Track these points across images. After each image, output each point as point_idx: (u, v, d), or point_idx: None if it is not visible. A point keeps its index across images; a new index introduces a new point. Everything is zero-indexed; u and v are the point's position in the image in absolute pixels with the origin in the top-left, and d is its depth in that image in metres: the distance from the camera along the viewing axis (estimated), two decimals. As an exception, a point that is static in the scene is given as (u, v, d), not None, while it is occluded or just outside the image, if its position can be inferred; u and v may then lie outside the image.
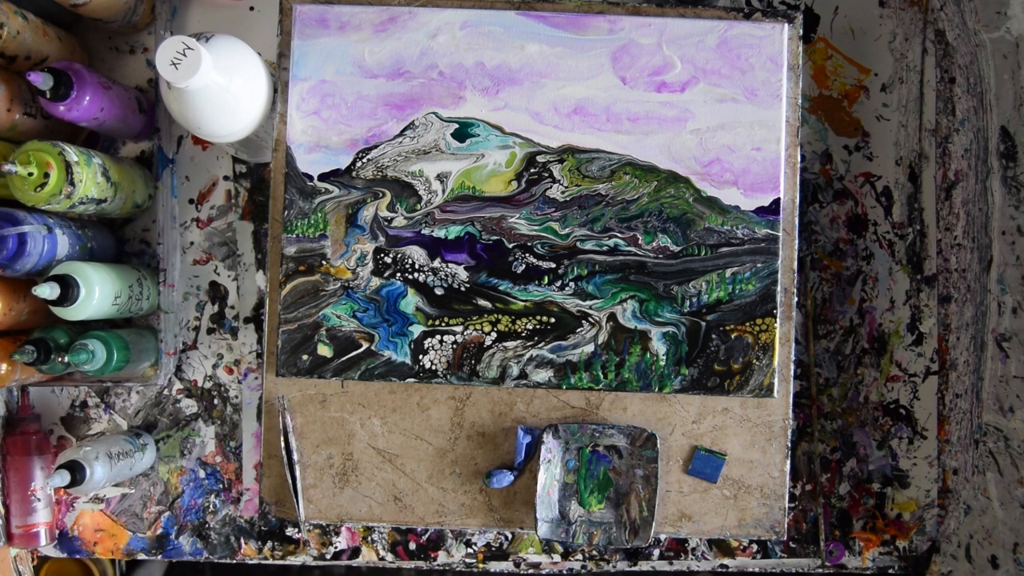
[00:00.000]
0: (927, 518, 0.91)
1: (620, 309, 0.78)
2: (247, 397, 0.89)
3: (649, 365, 0.78)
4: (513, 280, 0.78)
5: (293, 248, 0.78)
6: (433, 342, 0.78)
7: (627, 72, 0.79)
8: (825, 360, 0.91)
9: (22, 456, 0.85)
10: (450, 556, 0.88)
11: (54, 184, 0.72)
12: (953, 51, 0.88)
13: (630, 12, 0.79)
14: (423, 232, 0.78)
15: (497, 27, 0.79)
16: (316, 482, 0.80)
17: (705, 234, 0.78)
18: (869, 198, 0.91)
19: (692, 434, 0.79)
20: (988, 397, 0.83)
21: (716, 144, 0.78)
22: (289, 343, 0.78)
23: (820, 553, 0.90)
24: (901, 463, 0.91)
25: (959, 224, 0.88)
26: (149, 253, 0.89)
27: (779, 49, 0.79)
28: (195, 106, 0.69)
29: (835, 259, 0.91)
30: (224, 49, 0.70)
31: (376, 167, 0.78)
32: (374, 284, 0.78)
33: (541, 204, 0.78)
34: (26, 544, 0.86)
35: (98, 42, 0.89)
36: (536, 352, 0.78)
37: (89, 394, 0.89)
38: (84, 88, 0.75)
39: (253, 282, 0.90)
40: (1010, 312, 0.80)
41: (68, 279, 0.74)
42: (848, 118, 0.91)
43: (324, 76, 0.78)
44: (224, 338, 0.90)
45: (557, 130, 0.78)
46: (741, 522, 0.80)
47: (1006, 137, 0.81)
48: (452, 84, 0.79)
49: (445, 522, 0.81)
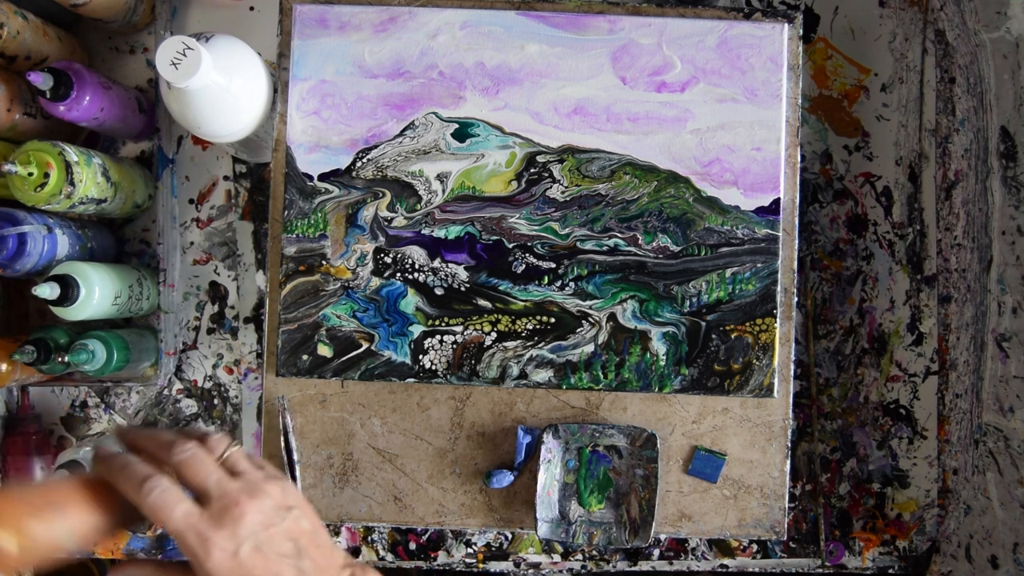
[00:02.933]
0: (927, 518, 0.91)
1: (620, 309, 0.78)
2: (247, 397, 0.89)
3: (649, 365, 0.78)
4: (513, 280, 0.78)
5: (293, 248, 0.78)
6: (433, 342, 0.78)
7: (627, 72, 0.79)
8: (825, 360, 0.91)
9: (22, 456, 0.85)
10: (450, 556, 0.88)
11: (54, 184, 0.72)
12: (953, 51, 0.88)
13: (630, 12, 0.79)
14: (423, 232, 0.78)
15: (497, 27, 0.79)
16: (316, 482, 0.80)
17: (705, 234, 0.78)
18: (869, 198, 0.91)
19: (692, 434, 0.79)
20: (988, 397, 0.83)
21: (716, 144, 0.78)
22: (289, 343, 0.78)
23: (820, 553, 0.90)
24: (901, 463, 0.91)
25: (959, 224, 0.88)
26: (149, 253, 0.89)
27: (779, 49, 0.79)
28: (195, 106, 0.69)
29: (835, 259, 0.91)
30: (224, 49, 0.70)
31: (376, 167, 0.78)
32: (374, 284, 0.78)
33: (541, 204, 0.78)
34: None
35: (98, 42, 0.89)
36: (536, 352, 0.78)
37: (89, 394, 0.89)
38: (84, 88, 0.75)
39: (253, 282, 0.90)
40: (1010, 312, 0.80)
41: (68, 279, 0.74)
42: (848, 118, 0.91)
43: (324, 76, 0.78)
44: (224, 338, 0.90)
45: (557, 130, 0.78)
46: (741, 522, 0.80)
47: (1006, 137, 0.81)
48: (452, 84, 0.79)
49: (445, 522, 0.81)
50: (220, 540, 0.47)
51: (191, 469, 0.49)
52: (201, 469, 0.49)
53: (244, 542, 0.47)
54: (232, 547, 0.47)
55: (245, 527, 0.48)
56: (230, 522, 0.48)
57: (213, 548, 0.47)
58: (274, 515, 0.49)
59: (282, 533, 0.49)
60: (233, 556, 0.47)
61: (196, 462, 0.49)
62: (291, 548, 0.49)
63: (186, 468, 0.49)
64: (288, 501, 0.51)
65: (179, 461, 0.49)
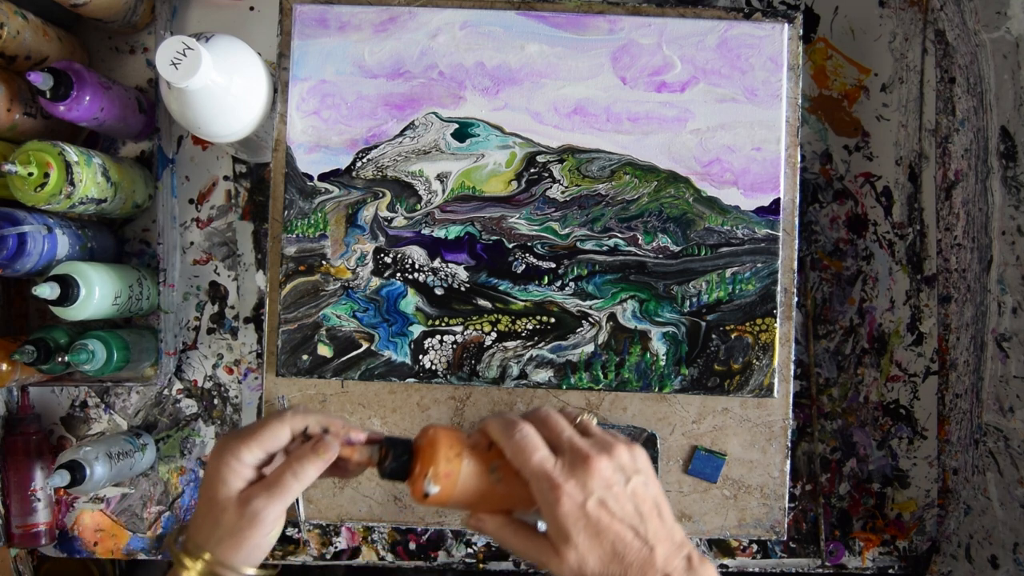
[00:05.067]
0: (927, 518, 0.91)
1: (620, 309, 0.78)
2: (247, 397, 0.89)
3: (649, 365, 0.78)
4: (513, 280, 0.78)
5: (293, 248, 0.78)
6: (433, 342, 0.78)
7: (627, 72, 0.79)
8: (825, 360, 0.91)
9: (22, 456, 0.85)
10: (450, 556, 0.88)
11: (54, 184, 0.72)
12: (953, 51, 0.88)
13: (630, 12, 0.79)
14: (423, 232, 0.78)
15: (497, 27, 0.79)
16: (316, 482, 0.80)
17: (705, 234, 0.78)
18: (869, 198, 0.91)
19: (692, 434, 0.79)
20: (988, 397, 0.83)
21: (716, 144, 0.78)
22: (289, 343, 0.78)
23: (820, 553, 0.90)
24: (901, 463, 0.91)
25: (959, 224, 0.88)
26: (149, 253, 0.89)
27: (779, 49, 0.79)
28: (195, 106, 0.69)
29: (835, 259, 0.91)
30: (224, 49, 0.70)
31: (376, 167, 0.78)
32: (374, 284, 0.78)
33: (541, 204, 0.78)
34: (26, 544, 0.86)
35: (98, 42, 0.89)
36: (536, 352, 0.78)
37: (89, 394, 0.89)
38: (84, 88, 0.75)
39: (253, 282, 0.90)
40: (1010, 312, 0.80)
41: (68, 279, 0.74)
42: (848, 118, 0.91)
43: (324, 76, 0.78)
44: (224, 338, 0.90)
45: (557, 130, 0.78)
46: (741, 522, 0.80)
47: (1006, 137, 0.81)
48: (452, 84, 0.79)
49: (445, 522, 0.81)
50: (569, 488, 0.50)
51: (548, 425, 0.54)
52: (557, 426, 0.54)
53: (591, 495, 0.51)
54: (580, 498, 0.50)
55: (593, 480, 0.51)
56: (580, 473, 0.51)
57: (562, 495, 0.50)
58: (620, 475, 0.52)
59: (627, 495, 0.52)
60: (580, 507, 0.50)
61: (553, 421, 0.54)
62: (632, 511, 0.51)
63: (544, 424, 0.54)
64: (636, 465, 0.53)
65: (539, 418, 0.54)
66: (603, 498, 0.51)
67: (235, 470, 0.53)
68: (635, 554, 0.50)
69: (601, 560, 0.50)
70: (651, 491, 0.53)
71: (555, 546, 0.51)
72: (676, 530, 0.53)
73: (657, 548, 0.51)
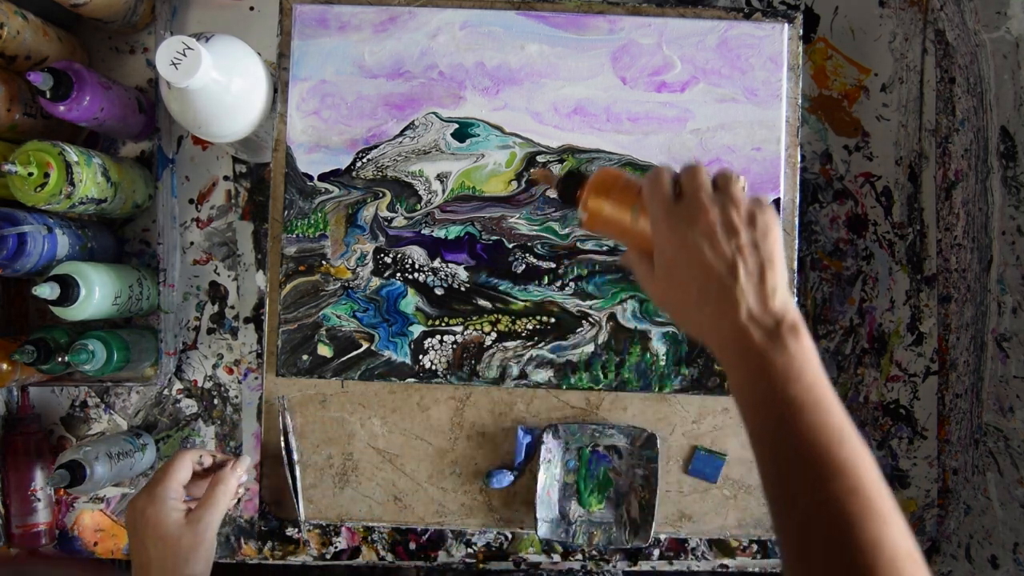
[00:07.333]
0: (927, 518, 0.91)
1: (620, 309, 0.78)
2: (247, 397, 0.89)
3: (649, 365, 0.78)
4: (513, 280, 0.78)
5: (293, 248, 0.78)
6: (433, 342, 0.78)
7: (627, 72, 0.79)
8: (825, 360, 0.91)
9: (22, 456, 0.85)
10: (450, 556, 0.88)
11: (54, 184, 0.72)
12: (953, 51, 0.88)
13: (630, 12, 0.79)
14: (423, 232, 0.78)
15: (497, 27, 0.79)
16: (316, 482, 0.80)
17: (705, 234, 0.78)
18: (869, 198, 0.91)
19: (692, 434, 0.79)
20: (988, 397, 0.83)
21: (716, 144, 0.78)
22: (289, 343, 0.78)
23: (820, 553, 0.90)
24: (901, 463, 0.91)
25: (959, 224, 0.88)
26: (149, 253, 0.89)
27: (779, 49, 0.79)
28: (195, 106, 0.69)
29: (835, 259, 0.91)
30: (224, 49, 0.70)
31: (376, 167, 0.78)
32: (374, 284, 0.78)
33: (541, 204, 0.78)
34: (26, 544, 0.86)
35: (98, 42, 0.89)
36: (536, 352, 0.78)
37: (89, 394, 0.89)
38: (84, 88, 0.75)
39: (253, 282, 0.90)
40: (1010, 312, 0.80)
41: (68, 279, 0.74)
42: (848, 118, 0.91)
43: (324, 76, 0.78)
44: (224, 338, 0.89)
45: (557, 130, 0.78)
46: (741, 522, 0.80)
47: (1006, 137, 0.81)
48: (452, 84, 0.79)
49: (445, 522, 0.81)
50: (676, 223, 0.53)
51: (688, 175, 0.55)
52: (695, 178, 0.54)
53: (685, 239, 0.52)
54: (676, 240, 0.53)
55: (697, 227, 0.52)
56: (687, 219, 0.53)
57: (668, 229, 0.53)
58: (724, 231, 0.52)
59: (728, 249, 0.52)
60: (677, 247, 0.53)
61: (694, 172, 0.55)
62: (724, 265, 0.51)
63: (686, 173, 0.55)
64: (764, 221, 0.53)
65: (685, 169, 0.56)
66: (698, 244, 0.52)
67: (171, 506, 0.65)
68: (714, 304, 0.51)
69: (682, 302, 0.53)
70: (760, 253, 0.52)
71: (656, 279, 0.55)
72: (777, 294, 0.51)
73: (741, 303, 0.50)
